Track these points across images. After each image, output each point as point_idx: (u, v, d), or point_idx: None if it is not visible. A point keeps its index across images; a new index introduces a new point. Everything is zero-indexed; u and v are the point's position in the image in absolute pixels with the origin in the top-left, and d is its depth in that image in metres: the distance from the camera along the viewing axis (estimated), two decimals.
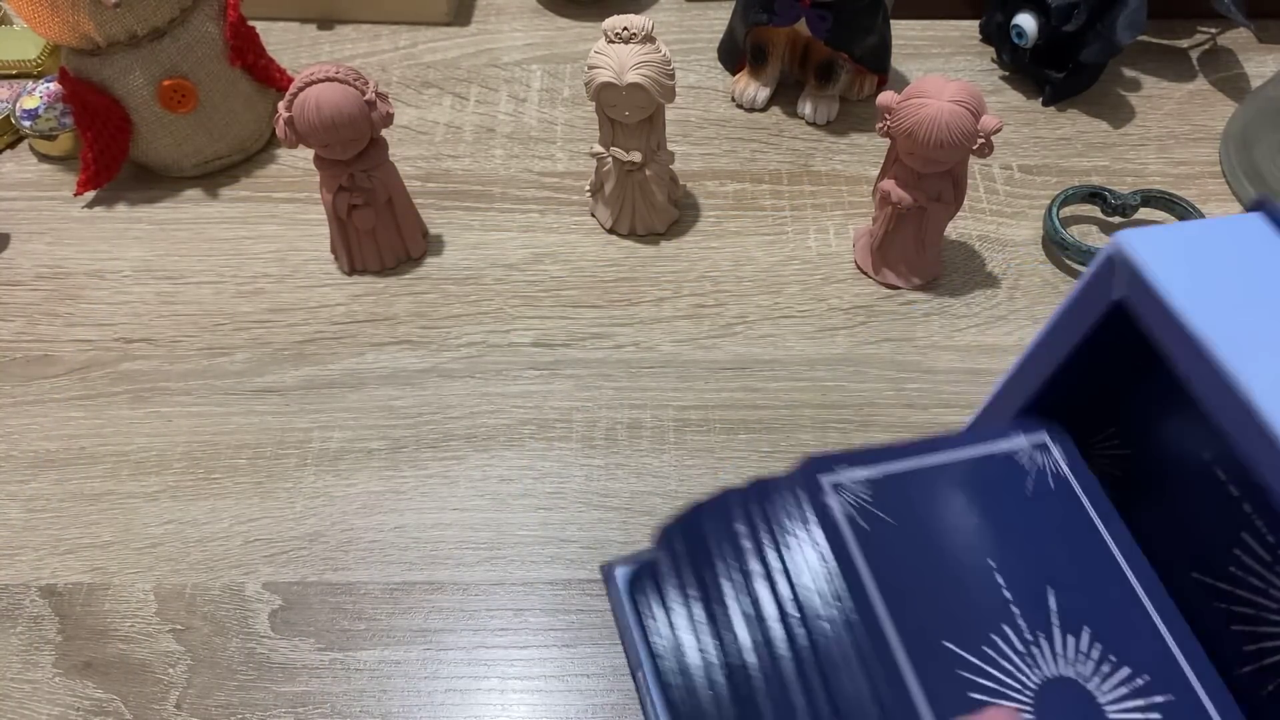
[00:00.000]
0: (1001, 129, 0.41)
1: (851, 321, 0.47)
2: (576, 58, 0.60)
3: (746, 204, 0.52)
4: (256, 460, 0.42)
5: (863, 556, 0.25)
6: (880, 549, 0.26)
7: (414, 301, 0.48)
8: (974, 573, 0.26)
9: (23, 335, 0.47)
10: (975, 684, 0.24)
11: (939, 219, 0.45)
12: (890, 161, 0.45)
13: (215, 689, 0.36)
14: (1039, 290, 0.48)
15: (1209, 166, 0.54)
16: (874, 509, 0.27)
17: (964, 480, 0.28)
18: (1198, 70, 0.59)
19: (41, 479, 0.42)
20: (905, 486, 0.28)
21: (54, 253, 0.51)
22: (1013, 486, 0.28)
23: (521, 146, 0.55)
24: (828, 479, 0.27)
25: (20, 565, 0.40)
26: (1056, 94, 0.57)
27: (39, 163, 0.55)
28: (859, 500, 0.27)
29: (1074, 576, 0.27)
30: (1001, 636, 0.25)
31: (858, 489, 0.27)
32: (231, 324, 0.47)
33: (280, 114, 0.42)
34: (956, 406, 0.44)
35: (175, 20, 0.49)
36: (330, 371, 0.45)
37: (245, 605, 0.38)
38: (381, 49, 0.61)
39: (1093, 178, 0.53)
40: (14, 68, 0.57)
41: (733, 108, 0.58)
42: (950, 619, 0.25)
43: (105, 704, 0.36)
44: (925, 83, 0.41)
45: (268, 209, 0.52)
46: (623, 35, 0.42)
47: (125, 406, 0.44)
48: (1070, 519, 0.28)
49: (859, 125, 0.56)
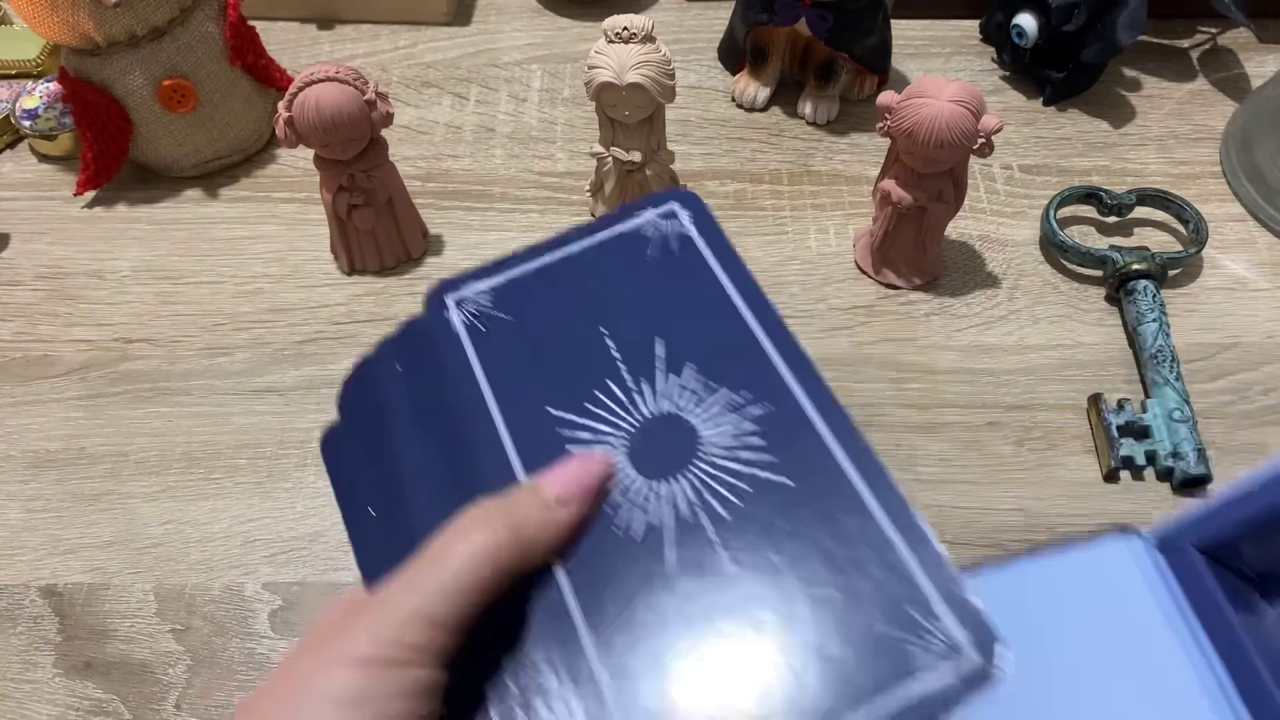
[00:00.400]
0: (1002, 129, 0.41)
1: (851, 321, 0.47)
2: (576, 58, 0.60)
3: (747, 204, 0.52)
4: (256, 460, 0.42)
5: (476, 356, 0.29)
6: (493, 345, 0.29)
7: (414, 301, 0.48)
8: (583, 343, 0.29)
9: (22, 335, 0.47)
10: (574, 439, 0.27)
11: (939, 219, 0.45)
12: (890, 161, 0.45)
13: (215, 689, 0.36)
14: (1039, 290, 0.48)
15: (1209, 166, 0.54)
16: (494, 311, 0.30)
17: (585, 264, 0.31)
18: (1198, 70, 0.59)
19: (41, 479, 0.42)
20: (527, 285, 0.31)
21: (54, 253, 0.51)
22: (634, 257, 0.31)
23: (521, 146, 0.55)
24: (452, 297, 0.31)
25: (20, 565, 0.39)
26: (1057, 94, 0.57)
27: (39, 163, 0.55)
28: (479, 308, 0.30)
29: (685, 324, 0.29)
30: (604, 391, 0.28)
31: (479, 299, 0.31)
32: (231, 324, 0.47)
33: (280, 114, 0.42)
34: (957, 406, 0.44)
35: (175, 20, 0.49)
36: (330, 371, 0.45)
37: (245, 605, 0.38)
38: (381, 49, 0.61)
39: (1093, 177, 0.53)
40: (14, 68, 0.57)
41: (733, 108, 0.58)
42: (553, 388, 0.28)
43: (105, 704, 0.36)
44: (925, 82, 0.41)
45: (267, 209, 0.52)
46: (623, 35, 0.42)
47: (125, 406, 0.44)
48: (689, 274, 0.30)
49: (859, 125, 0.56)
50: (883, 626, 0.23)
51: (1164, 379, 0.43)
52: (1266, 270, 0.49)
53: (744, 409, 0.27)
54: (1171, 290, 0.48)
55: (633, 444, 0.27)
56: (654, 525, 0.26)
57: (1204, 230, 0.48)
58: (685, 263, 0.31)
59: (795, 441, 0.27)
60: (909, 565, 0.24)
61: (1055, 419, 0.43)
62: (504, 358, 0.29)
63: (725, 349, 0.29)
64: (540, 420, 0.28)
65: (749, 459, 0.27)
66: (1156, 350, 0.43)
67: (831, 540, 0.25)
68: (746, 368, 0.28)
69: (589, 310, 0.30)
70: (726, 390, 0.28)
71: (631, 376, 0.29)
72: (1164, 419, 0.41)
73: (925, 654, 0.23)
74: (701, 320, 0.29)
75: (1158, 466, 0.41)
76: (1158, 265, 0.46)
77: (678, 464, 0.27)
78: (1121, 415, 0.42)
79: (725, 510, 0.26)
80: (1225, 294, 0.48)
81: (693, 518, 0.26)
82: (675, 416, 0.28)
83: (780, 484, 0.26)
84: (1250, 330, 0.46)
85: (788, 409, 0.27)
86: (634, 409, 0.28)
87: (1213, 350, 0.46)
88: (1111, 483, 0.41)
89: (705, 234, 0.31)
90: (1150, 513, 0.40)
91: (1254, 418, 0.43)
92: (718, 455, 0.27)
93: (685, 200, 0.32)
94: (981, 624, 0.23)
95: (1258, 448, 0.42)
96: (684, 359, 0.29)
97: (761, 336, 0.29)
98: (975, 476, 0.41)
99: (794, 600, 0.24)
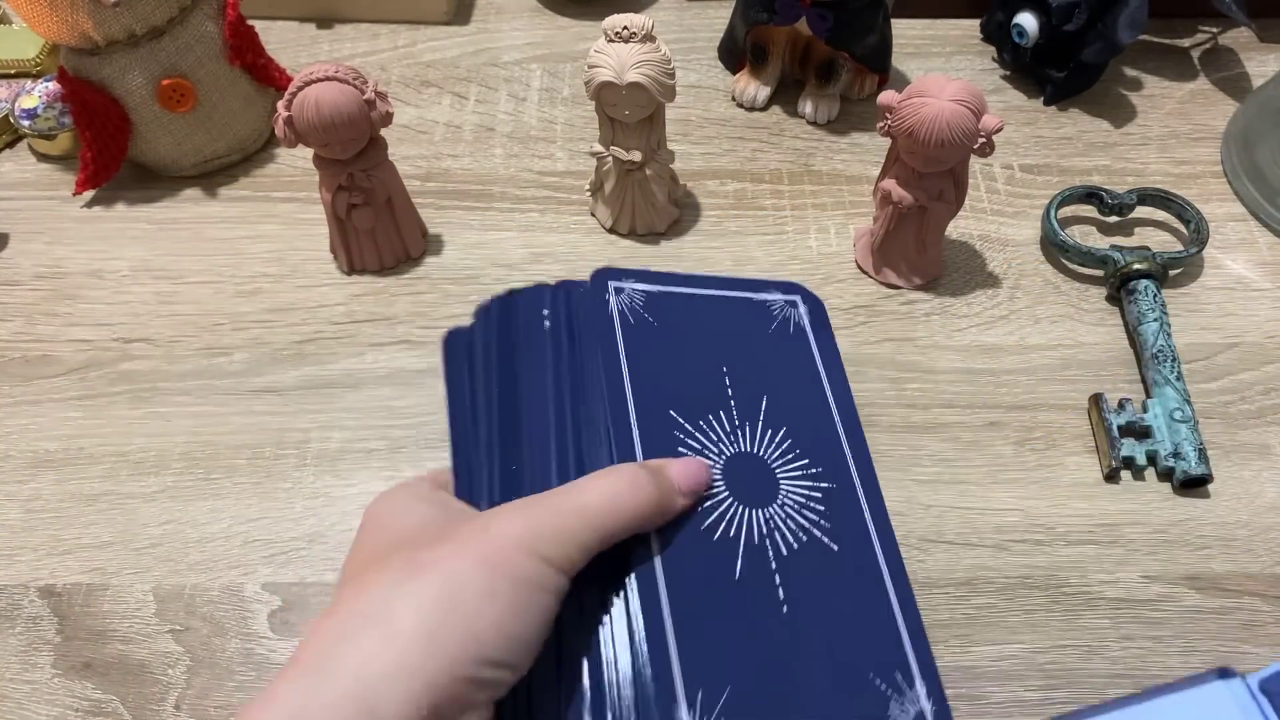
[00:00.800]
0: (1002, 128, 0.41)
1: (852, 321, 0.47)
2: (576, 57, 0.60)
3: (747, 203, 0.52)
4: (256, 460, 0.42)
5: (624, 341, 0.33)
6: (638, 339, 0.34)
7: (414, 301, 0.48)
8: (708, 370, 0.34)
9: (22, 335, 0.47)
10: (685, 443, 0.31)
11: (940, 218, 0.45)
12: (891, 161, 0.45)
13: (214, 690, 0.36)
14: (1039, 290, 0.48)
15: (1210, 166, 0.54)
16: (643, 312, 0.35)
17: (721, 309, 0.36)
18: (1199, 70, 0.59)
19: (41, 479, 0.42)
20: (674, 302, 0.35)
21: (53, 252, 0.50)
22: (759, 323, 0.36)
23: (521, 146, 0.55)
24: (613, 284, 0.35)
25: (19, 565, 0.39)
26: (1057, 93, 0.57)
27: (38, 162, 0.55)
28: (633, 303, 0.35)
29: (787, 394, 0.34)
30: (715, 418, 0.33)
31: (634, 295, 0.35)
32: (230, 324, 0.47)
33: (280, 113, 0.42)
34: (957, 406, 0.44)
35: (174, 20, 0.49)
36: (330, 371, 0.45)
37: (244, 606, 0.38)
38: (381, 48, 0.61)
39: (1093, 177, 0.53)
40: (13, 67, 0.57)
41: (733, 107, 0.57)
42: (679, 396, 0.33)
43: (104, 705, 0.36)
44: (926, 82, 0.41)
45: (267, 209, 0.52)
46: (623, 34, 0.42)
47: (124, 406, 0.44)
48: (797, 356, 0.36)
49: (859, 125, 0.56)
50: (874, 678, 0.29)
51: (1165, 379, 0.43)
52: (1267, 270, 0.49)
53: (815, 478, 0.33)
54: (1172, 290, 0.48)
55: (729, 467, 0.32)
56: (730, 538, 0.30)
57: (1205, 230, 0.48)
58: (796, 346, 0.36)
59: (845, 518, 0.32)
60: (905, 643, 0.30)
61: (1056, 419, 0.43)
62: (645, 353, 0.33)
63: (811, 427, 0.34)
64: (664, 418, 0.32)
65: (811, 519, 0.32)
66: (1157, 350, 0.43)
67: (853, 601, 0.30)
68: (823, 448, 0.33)
69: (716, 348, 0.35)
70: (807, 460, 0.33)
71: (739, 415, 0.33)
72: (1165, 419, 0.41)
73: (899, 710, 0.29)
74: (799, 397, 0.35)
75: (1158, 466, 0.41)
76: (1158, 265, 0.46)
77: (761, 500, 0.31)
78: (1122, 415, 0.42)
79: (785, 549, 0.31)
80: (1226, 294, 0.48)
81: (760, 545, 0.30)
82: (764, 462, 0.32)
83: (827, 546, 0.31)
84: (1251, 330, 0.46)
85: (846, 490, 0.33)
86: (734, 441, 0.32)
87: (1213, 350, 0.46)
88: (1112, 482, 0.41)
89: (816, 332, 0.37)
90: (1151, 513, 0.40)
91: (1254, 418, 0.43)
92: (790, 506, 0.32)
93: (805, 296, 0.38)
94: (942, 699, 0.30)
95: (1258, 448, 0.42)
96: (781, 421, 0.33)
97: (839, 428, 0.34)
98: (975, 476, 0.41)
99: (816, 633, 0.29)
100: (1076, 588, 0.38)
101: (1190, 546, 0.39)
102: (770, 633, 0.29)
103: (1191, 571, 0.39)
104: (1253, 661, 0.36)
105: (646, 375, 0.33)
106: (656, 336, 0.34)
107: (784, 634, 0.29)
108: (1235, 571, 0.39)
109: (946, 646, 0.37)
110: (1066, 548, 0.39)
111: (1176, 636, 0.37)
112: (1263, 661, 0.36)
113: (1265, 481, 0.41)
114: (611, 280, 0.35)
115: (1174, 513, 0.40)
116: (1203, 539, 0.39)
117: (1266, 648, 0.37)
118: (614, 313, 0.34)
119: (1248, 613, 0.38)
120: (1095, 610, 0.38)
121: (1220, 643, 0.37)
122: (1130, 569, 0.39)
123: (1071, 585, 0.38)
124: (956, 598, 0.38)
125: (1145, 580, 0.38)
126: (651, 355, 0.33)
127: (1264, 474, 0.41)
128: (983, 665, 0.36)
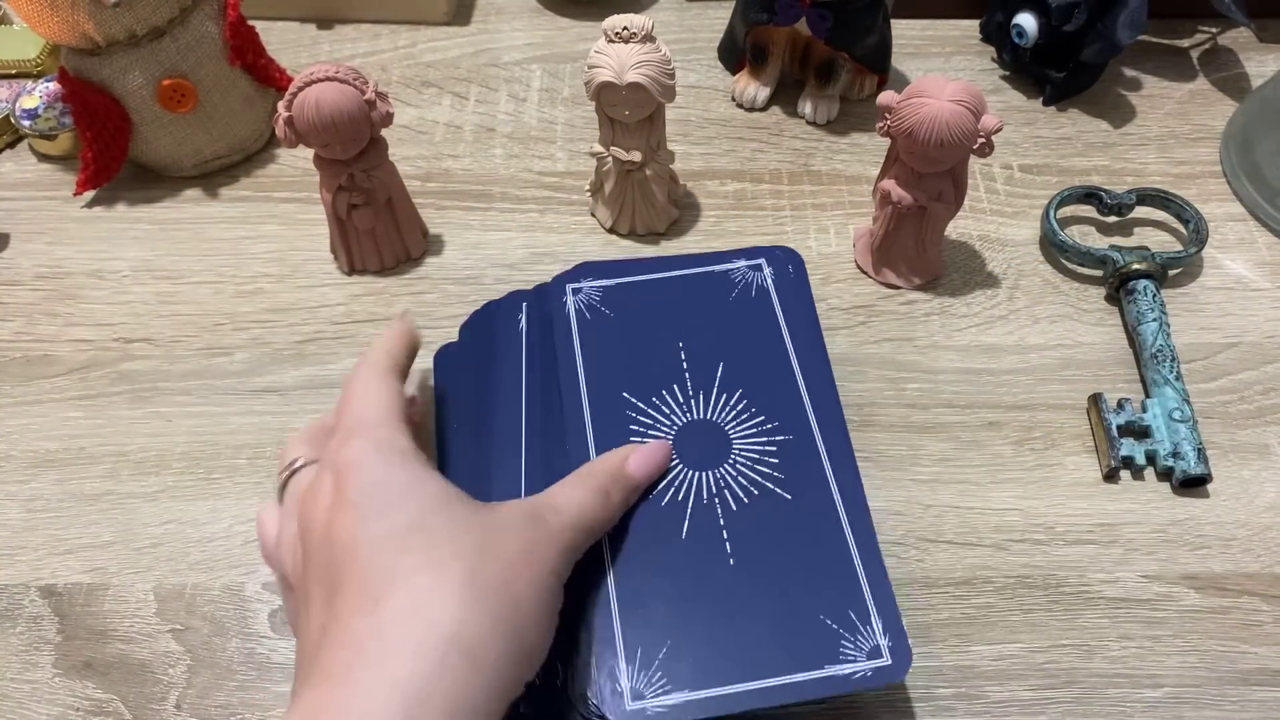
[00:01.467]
0: (1002, 128, 0.41)
1: (851, 321, 0.47)
2: (576, 57, 0.60)
3: (747, 204, 0.52)
4: (256, 460, 0.42)
5: (579, 337, 0.37)
6: (595, 332, 0.38)
7: (414, 301, 0.48)
8: (664, 348, 0.37)
9: (22, 335, 0.47)
10: (638, 421, 0.35)
11: (939, 219, 0.45)
12: (890, 161, 0.45)
13: (215, 689, 0.36)
14: (1039, 290, 0.48)
15: (1209, 166, 0.54)
16: (600, 306, 0.38)
17: (680, 288, 0.39)
18: (1198, 70, 0.59)
19: (41, 479, 0.42)
20: (632, 291, 0.39)
21: (53, 252, 0.51)
22: (719, 293, 0.39)
23: (521, 146, 0.55)
24: (570, 285, 0.39)
25: (20, 565, 0.39)
26: (1057, 94, 0.57)
27: (38, 163, 0.55)
28: (590, 300, 0.39)
29: (745, 357, 0.37)
30: (669, 392, 0.36)
31: (592, 292, 0.39)
32: (231, 324, 0.47)
33: (280, 113, 0.42)
34: (957, 406, 0.44)
35: (175, 20, 0.49)
36: (330, 371, 0.45)
37: (245, 605, 0.38)
38: (381, 49, 0.61)
39: (1093, 177, 0.53)
40: (13, 67, 0.57)
41: (733, 107, 0.58)
42: (633, 378, 0.36)
43: (105, 704, 0.36)
44: (925, 82, 0.41)
45: (267, 209, 0.52)
46: (623, 35, 0.42)
47: (125, 406, 0.44)
48: (758, 318, 0.38)
49: (859, 125, 0.56)
50: (825, 618, 0.31)
51: (1164, 379, 0.43)
52: (1266, 270, 0.49)
53: (771, 433, 0.35)
54: (1171, 290, 0.48)
55: (679, 436, 0.35)
56: (679, 501, 0.33)
57: (1204, 230, 0.48)
58: (758, 308, 0.38)
59: (802, 468, 0.34)
60: (860, 580, 0.32)
61: (1055, 419, 0.43)
62: (601, 344, 0.37)
63: (769, 385, 0.36)
64: (616, 401, 0.36)
65: (764, 472, 0.34)
66: (1156, 350, 0.43)
67: (807, 546, 0.32)
68: (780, 403, 0.36)
69: (674, 326, 0.38)
70: (763, 416, 0.35)
71: (693, 385, 0.36)
72: (1164, 419, 0.41)
73: (853, 648, 0.30)
74: (758, 357, 0.37)
75: (1158, 466, 0.41)
76: (1158, 265, 0.46)
77: (710, 462, 0.34)
78: (1121, 415, 0.42)
79: (735, 504, 0.33)
80: (1225, 294, 0.48)
81: (709, 504, 0.33)
82: (718, 425, 0.35)
83: (781, 496, 0.33)
84: (1250, 330, 0.46)
85: (804, 440, 0.35)
86: (689, 410, 0.35)
87: (1213, 350, 0.46)
88: (1111, 482, 0.41)
89: (780, 288, 0.39)
90: (1150, 512, 0.40)
91: (1254, 417, 0.43)
92: (743, 463, 0.34)
93: (773, 258, 0.40)
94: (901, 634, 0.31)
95: (1257, 448, 0.42)
96: (737, 384, 0.36)
97: (800, 380, 0.36)
98: (975, 476, 0.41)
99: (766, 579, 0.31)
100: (1075, 587, 0.38)
101: (1189, 546, 0.39)
102: (715, 586, 0.31)
103: (1190, 571, 0.39)
104: (1253, 661, 0.36)
105: (601, 365, 0.37)
106: (613, 327, 0.38)
107: (730, 586, 0.31)
108: (1234, 571, 0.39)
109: (946, 646, 0.37)
110: (1065, 547, 0.39)
111: (1175, 636, 0.37)
112: (1263, 661, 0.36)
113: (1264, 481, 0.41)
114: (570, 282, 0.39)
115: (1173, 512, 0.40)
116: (1202, 539, 0.40)
117: (1266, 647, 0.37)
118: (570, 313, 0.38)
119: (1247, 612, 0.38)
120: (1094, 610, 0.38)
121: (1219, 642, 0.37)
122: (1129, 568, 0.39)
123: (1070, 585, 0.38)
124: (956, 597, 0.38)
125: (1144, 580, 0.38)
126: (607, 345, 0.37)
127: (1263, 474, 0.41)
128: (982, 665, 0.36)
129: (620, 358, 0.37)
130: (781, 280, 0.39)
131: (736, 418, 0.35)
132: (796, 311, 0.38)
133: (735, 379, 0.36)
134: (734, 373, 0.36)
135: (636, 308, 0.38)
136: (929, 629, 0.37)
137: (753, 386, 0.36)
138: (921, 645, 0.37)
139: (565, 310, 0.38)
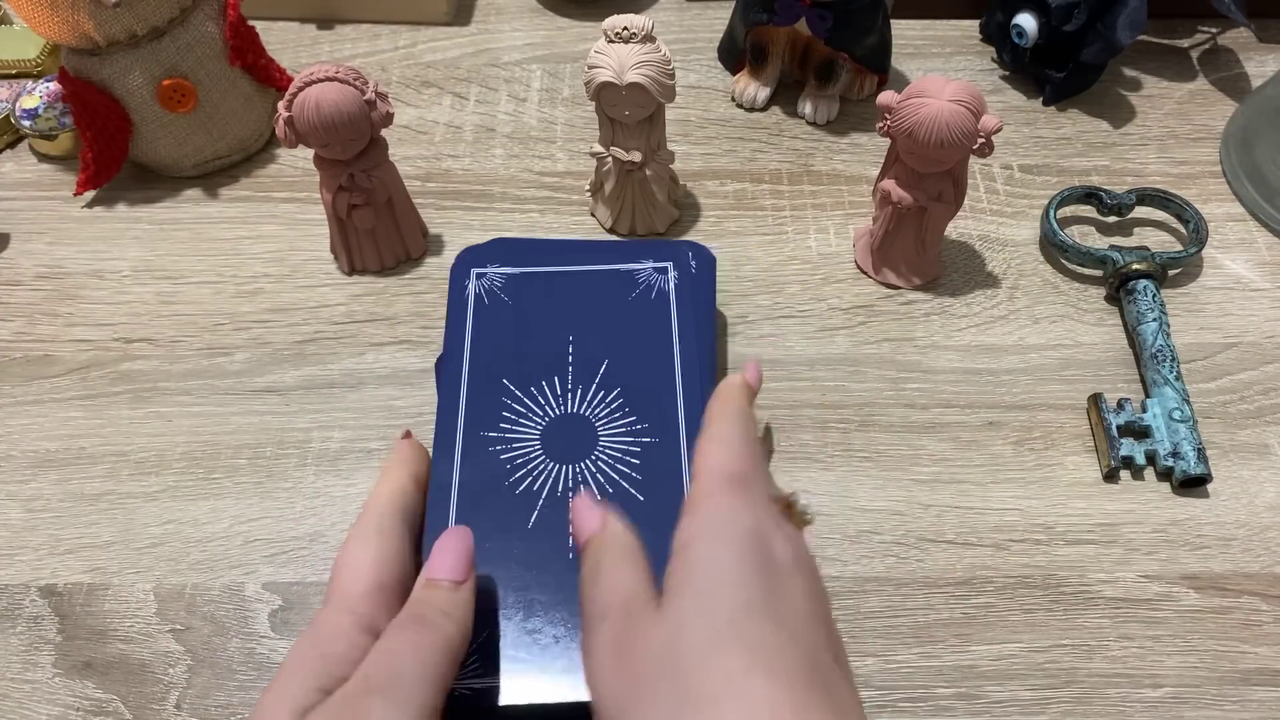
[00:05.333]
0: (1002, 129, 0.41)
1: (851, 321, 0.47)
2: (576, 57, 0.60)
3: (746, 204, 0.52)
4: (256, 460, 0.42)
5: (473, 320, 0.39)
6: (488, 318, 0.39)
7: (414, 301, 0.48)
8: (552, 340, 0.38)
9: (23, 335, 0.47)
10: (511, 409, 0.36)
11: (939, 219, 0.45)
12: (890, 161, 0.45)
13: (215, 689, 0.36)
14: (1039, 290, 0.48)
15: (1209, 166, 0.54)
16: (500, 293, 0.40)
17: (582, 283, 0.40)
18: (1198, 70, 0.59)
19: (41, 479, 0.42)
20: (533, 282, 0.40)
21: (54, 252, 0.51)
22: (619, 292, 0.40)
23: (521, 146, 0.55)
24: (475, 270, 0.41)
25: (20, 565, 0.40)
26: (1057, 94, 0.57)
27: (39, 163, 0.55)
28: (491, 286, 0.40)
29: (631, 357, 0.38)
30: (549, 382, 0.37)
31: (494, 278, 0.40)
32: (231, 324, 0.47)
33: (280, 114, 0.42)
34: (956, 406, 0.44)
35: (175, 20, 0.49)
36: (330, 371, 0.45)
37: (245, 605, 0.38)
38: (381, 49, 0.61)
39: (1093, 177, 0.53)
40: (14, 67, 0.57)
41: (733, 107, 0.58)
42: (516, 366, 0.37)
43: (105, 704, 0.36)
44: (925, 82, 0.41)
45: (267, 209, 0.52)
46: (623, 35, 0.42)
47: (125, 406, 0.44)
48: (652, 321, 0.39)
49: (859, 125, 0.56)
50: None
51: (1164, 379, 0.43)
52: (1266, 270, 0.49)
53: (638, 434, 0.36)
54: (1171, 290, 0.48)
55: (548, 428, 0.36)
56: (533, 492, 0.34)
57: (1204, 230, 0.48)
58: (655, 311, 0.39)
59: (661, 471, 0.35)
60: None
61: (1055, 419, 0.43)
62: (493, 330, 0.39)
63: (648, 387, 0.37)
64: (495, 386, 0.37)
65: (624, 471, 0.35)
66: (1156, 350, 0.43)
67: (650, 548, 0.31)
68: (654, 406, 0.37)
69: (567, 321, 0.39)
70: (634, 417, 0.36)
71: (573, 380, 0.37)
72: (1164, 419, 0.41)
73: None
74: (643, 360, 0.38)
75: (1157, 466, 0.41)
76: (1158, 265, 0.46)
77: (573, 456, 0.35)
78: (1121, 415, 0.42)
79: None
80: (1225, 294, 0.48)
81: (562, 497, 0.34)
82: (588, 421, 0.36)
83: (635, 496, 0.34)
84: (1250, 330, 0.46)
85: (669, 446, 0.35)
86: (563, 404, 0.37)
87: (1212, 350, 0.46)
88: (1111, 482, 0.41)
89: (680, 292, 0.40)
90: (1149, 512, 0.40)
91: (1253, 417, 0.43)
92: (605, 460, 0.35)
93: (681, 260, 0.41)
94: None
95: (1257, 448, 0.42)
96: (616, 382, 0.37)
97: (679, 388, 0.37)
98: (975, 476, 0.41)
99: None
100: (1075, 587, 0.38)
101: (1189, 546, 0.39)
102: (550, 577, 0.32)
103: (1190, 571, 0.39)
104: (1253, 661, 0.36)
105: (487, 350, 0.38)
106: (508, 314, 0.39)
107: (565, 578, 0.32)
108: (1234, 571, 0.39)
109: (946, 646, 0.37)
110: (1065, 547, 0.39)
111: (1175, 636, 0.37)
112: (1263, 661, 0.36)
113: (1264, 481, 0.41)
114: (475, 266, 0.41)
115: (1173, 512, 0.40)
116: (1201, 539, 0.40)
117: (1266, 647, 0.37)
118: (470, 296, 0.40)
119: (1247, 612, 0.38)
120: (1094, 610, 0.38)
121: (1219, 642, 0.37)
122: (1129, 568, 0.39)
123: (1070, 585, 0.38)
124: (956, 597, 0.38)
125: (1144, 580, 0.38)
126: (498, 331, 0.38)
127: (1263, 474, 0.41)
128: (982, 664, 0.36)
129: (508, 345, 0.38)
130: (683, 284, 0.40)
131: (609, 416, 0.36)
132: (692, 317, 0.39)
133: (616, 378, 0.37)
134: (616, 372, 0.37)
135: (535, 298, 0.40)
136: (929, 629, 0.37)
137: (631, 387, 0.37)
138: (921, 645, 0.37)
139: (465, 293, 0.40)
